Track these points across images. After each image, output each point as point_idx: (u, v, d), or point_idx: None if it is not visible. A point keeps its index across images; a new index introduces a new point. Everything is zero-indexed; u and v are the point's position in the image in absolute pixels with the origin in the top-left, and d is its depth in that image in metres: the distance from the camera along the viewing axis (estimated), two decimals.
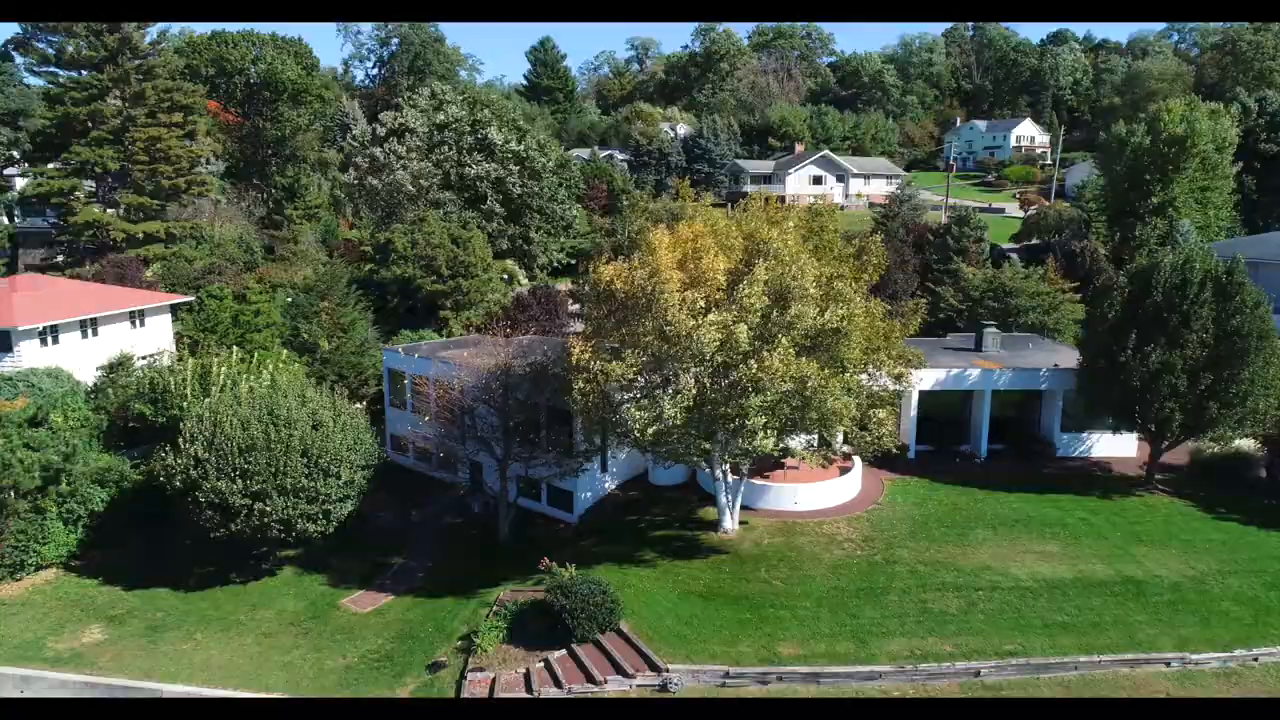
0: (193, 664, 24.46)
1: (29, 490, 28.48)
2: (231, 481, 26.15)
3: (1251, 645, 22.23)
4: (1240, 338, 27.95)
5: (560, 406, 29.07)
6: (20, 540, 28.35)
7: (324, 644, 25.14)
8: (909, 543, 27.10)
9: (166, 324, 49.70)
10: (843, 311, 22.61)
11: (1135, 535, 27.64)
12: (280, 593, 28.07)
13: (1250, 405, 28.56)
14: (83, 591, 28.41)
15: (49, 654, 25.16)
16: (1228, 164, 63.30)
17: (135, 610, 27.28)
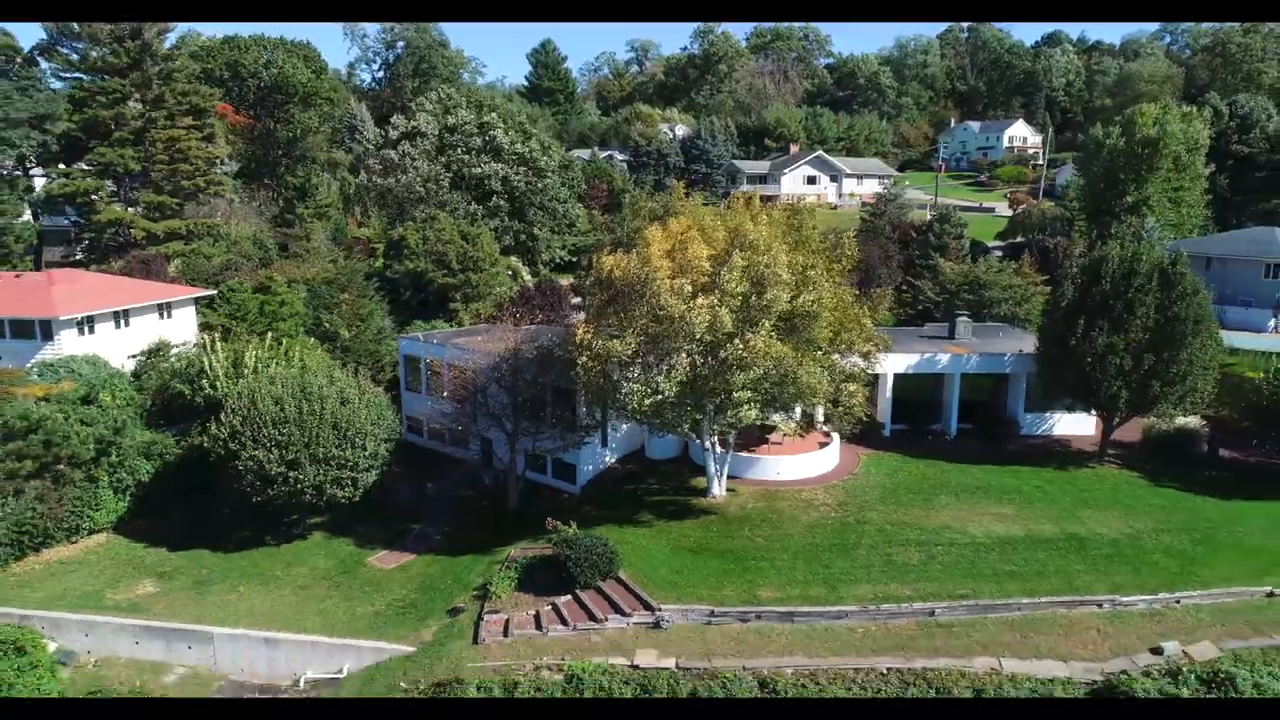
0: (238, 611, 27.47)
1: (84, 461, 31.50)
2: (268, 451, 29.14)
3: (1175, 590, 25.22)
4: (1180, 322, 30.93)
5: (564, 386, 32.10)
6: (76, 506, 31.36)
7: (354, 595, 28.14)
8: (879, 506, 30.11)
9: (191, 316, 52.72)
10: (813, 295, 25.64)
11: (1083, 500, 30.65)
12: (312, 553, 31.07)
13: (1189, 384, 31.54)
14: (132, 552, 31.41)
15: (108, 603, 28.17)
16: (1200, 164, 66.22)
17: (181, 568, 30.29)
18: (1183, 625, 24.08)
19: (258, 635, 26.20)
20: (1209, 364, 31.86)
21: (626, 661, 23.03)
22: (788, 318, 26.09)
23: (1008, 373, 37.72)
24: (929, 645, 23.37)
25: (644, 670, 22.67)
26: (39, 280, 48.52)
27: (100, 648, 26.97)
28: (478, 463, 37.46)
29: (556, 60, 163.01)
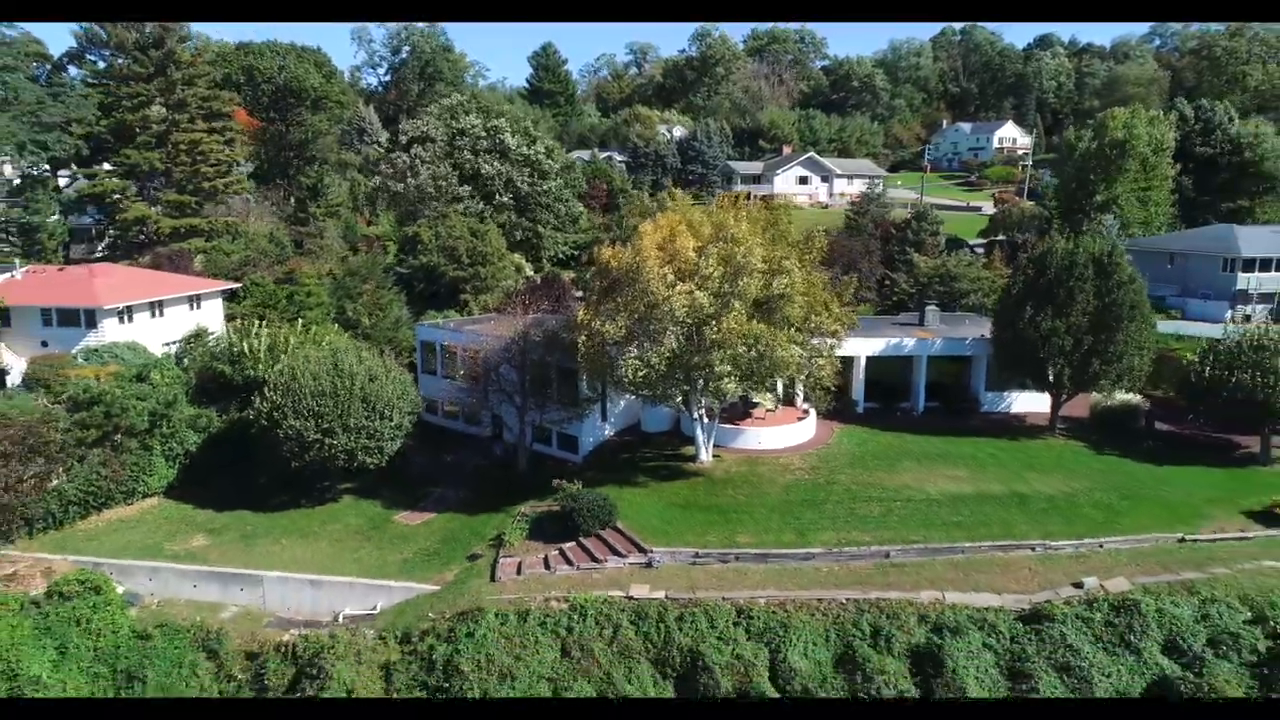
0: (282, 559, 31.29)
1: (139, 431, 35.31)
2: (306, 421, 32.95)
3: (1099, 536, 29.05)
4: (1116, 307, 34.78)
5: (567, 366, 35.96)
6: (133, 471, 35.16)
7: (384, 546, 31.97)
8: (847, 470, 33.95)
9: (219, 307, 56.52)
10: (786, 281, 29.48)
11: (1030, 465, 34.50)
12: (343, 513, 34.90)
13: (1126, 363, 35.39)
14: (183, 513, 35.24)
15: (167, 553, 31.98)
16: (1166, 165, 70.07)
17: (229, 525, 34.12)
18: (1103, 565, 27.89)
19: (302, 578, 30.02)
20: (1143, 344, 35.73)
21: (622, 594, 26.84)
22: (764, 301, 29.95)
23: (969, 355, 41.59)
24: (883, 581, 27.18)
25: (638, 600, 26.50)
26: (80, 273, 52.38)
27: (162, 590, 30.75)
28: (489, 438, 41.28)
29: (557, 63, 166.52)
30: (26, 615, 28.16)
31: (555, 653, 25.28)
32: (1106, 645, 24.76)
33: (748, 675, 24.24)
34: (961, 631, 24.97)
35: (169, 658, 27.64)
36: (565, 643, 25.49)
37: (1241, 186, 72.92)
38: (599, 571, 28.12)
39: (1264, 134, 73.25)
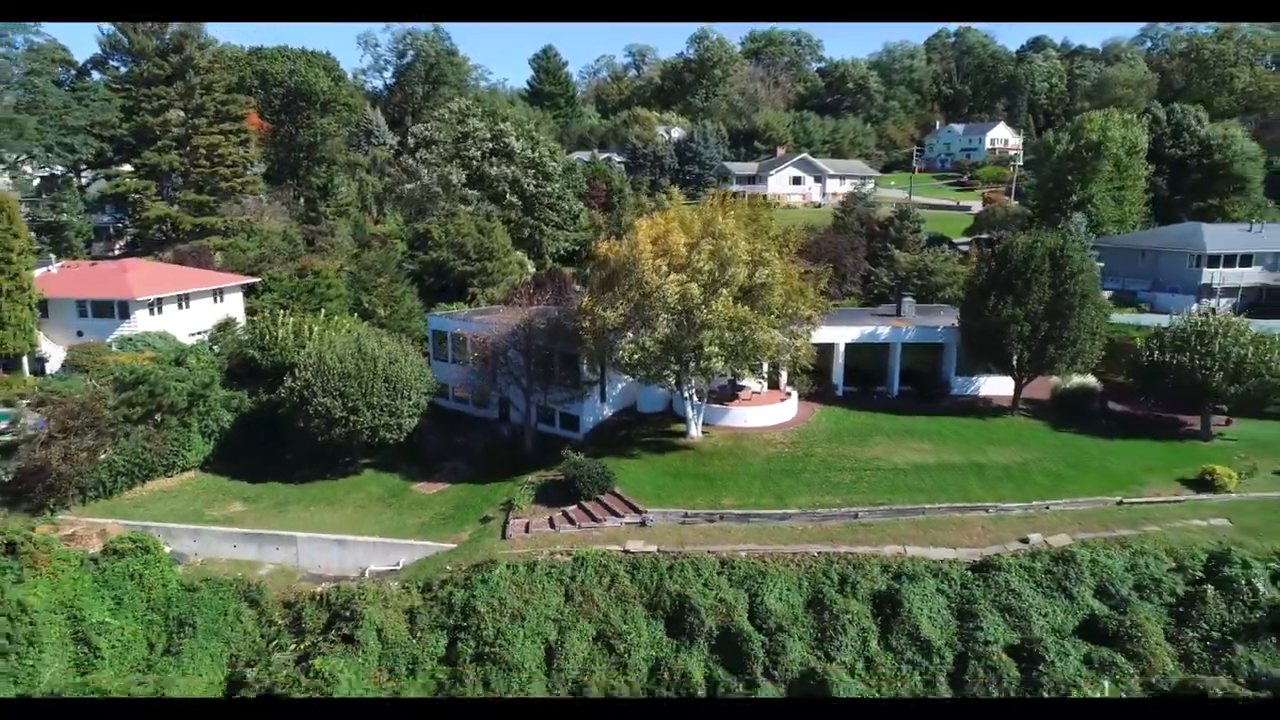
0: (313, 522, 34.69)
1: (179, 409, 38.69)
2: (334, 399, 36.35)
3: (1046, 499, 32.45)
4: (1069, 296, 38.15)
5: (569, 351, 39.31)
6: (173, 446, 38.54)
7: (404, 511, 35.37)
8: (824, 444, 37.36)
9: (239, 300, 59.90)
10: (767, 272, 32.90)
11: (989, 440, 37.91)
12: (365, 484, 38.30)
13: (1079, 347, 38.78)
14: (219, 484, 38.62)
15: (207, 518, 35.39)
16: (1139, 166, 73.44)
17: (262, 495, 37.51)
18: (1048, 524, 31.28)
19: (330, 538, 33.41)
20: (1095, 330, 39.12)
21: (619, 548, 30.24)
22: (747, 289, 33.36)
23: (941, 343, 44.98)
24: (851, 538, 30.58)
25: (633, 553, 29.89)
26: (112, 268, 55.80)
27: (205, 550, 34.14)
28: (497, 420, 44.64)
29: (557, 65, 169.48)
30: (86, 570, 31.56)
31: (560, 598, 28.67)
32: (1045, 590, 28.15)
33: (729, 615, 27.62)
34: (918, 579, 28.37)
35: (215, 606, 31.00)
36: (569, 589, 28.88)
37: (1212, 186, 76.26)
38: (598, 530, 31.53)
39: (1233, 137, 76.63)
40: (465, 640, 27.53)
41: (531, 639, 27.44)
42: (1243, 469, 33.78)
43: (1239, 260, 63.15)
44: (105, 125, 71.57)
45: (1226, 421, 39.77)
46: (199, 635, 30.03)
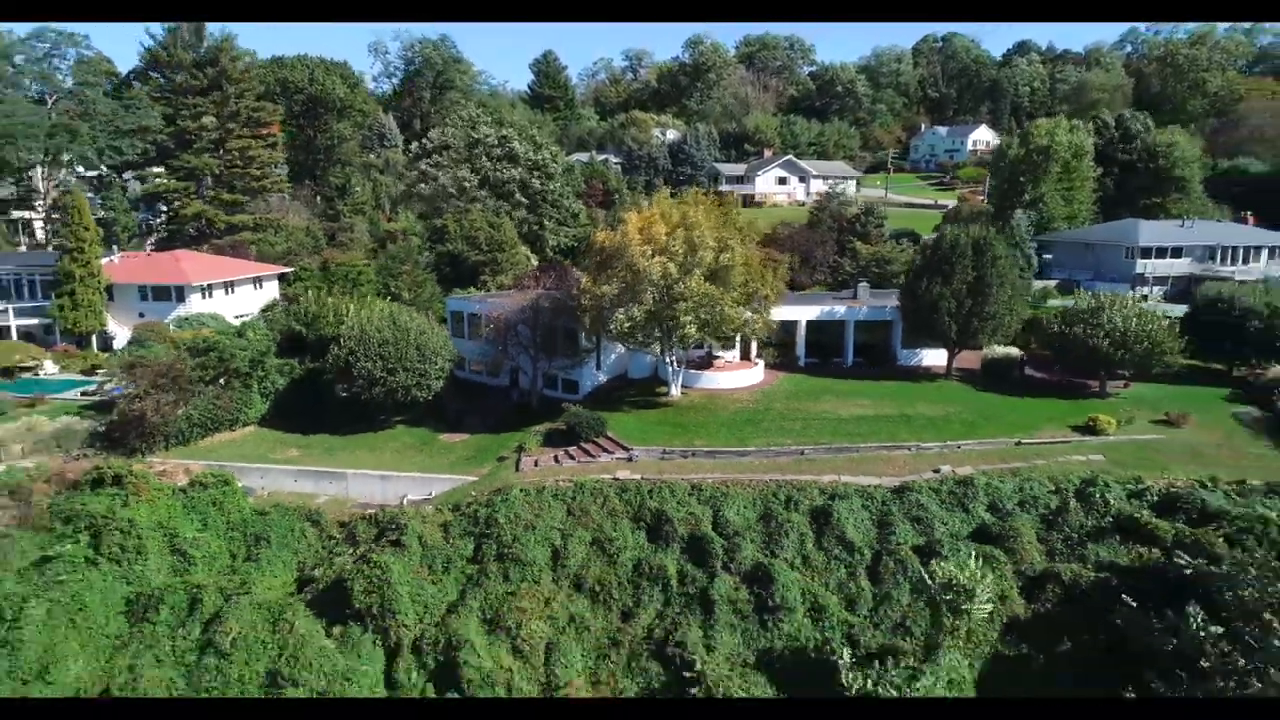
0: (358, 463, 42.04)
1: (242, 373, 46.04)
2: (374, 363, 43.69)
3: (958, 440, 39.83)
4: (989, 278, 45.52)
5: (569, 326, 46.67)
6: (237, 404, 45.88)
7: (433, 455, 42.75)
8: (782, 401, 44.75)
9: (275, 287, 67.39)
10: (728, 255, 40.31)
11: (921, 398, 45.29)
12: (399, 436, 45.67)
13: (998, 321, 46.17)
14: (276, 436, 45.97)
15: (270, 459, 42.73)
16: (1086, 168, 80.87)
17: (313, 444, 44.86)
18: (957, 459, 38.65)
19: (375, 474, 40.78)
20: (1012, 307, 46.52)
21: (610, 477, 37.59)
22: (714, 270, 40.77)
23: (889, 320, 52.40)
24: (797, 469, 37.94)
25: (621, 480, 37.26)
26: (167, 257, 63.29)
27: (271, 485, 41.46)
28: (507, 387, 51.96)
29: (557, 70, 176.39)
30: (177, 498, 38.90)
31: (563, 513, 36.03)
32: (947, 506, 35.50)
33: (697, 525, 34.97)
34: (848, 498, 35.72)
35: (283, 526, 38.32)
36: (570, 507, 36.22)
37: (1155, 187, 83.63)
38: (594, 463, 38.93)
39: (1176, 143, 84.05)
40: (488, 544, 34.87)
41: (540, 543, 34.77)
42: (1122, 418, 41.19)
43: (1170, 252, 70.47)
44: (149, 131, 78.90)
45: (1125, 384, 47.18)
46: (272, 547, 37.38)
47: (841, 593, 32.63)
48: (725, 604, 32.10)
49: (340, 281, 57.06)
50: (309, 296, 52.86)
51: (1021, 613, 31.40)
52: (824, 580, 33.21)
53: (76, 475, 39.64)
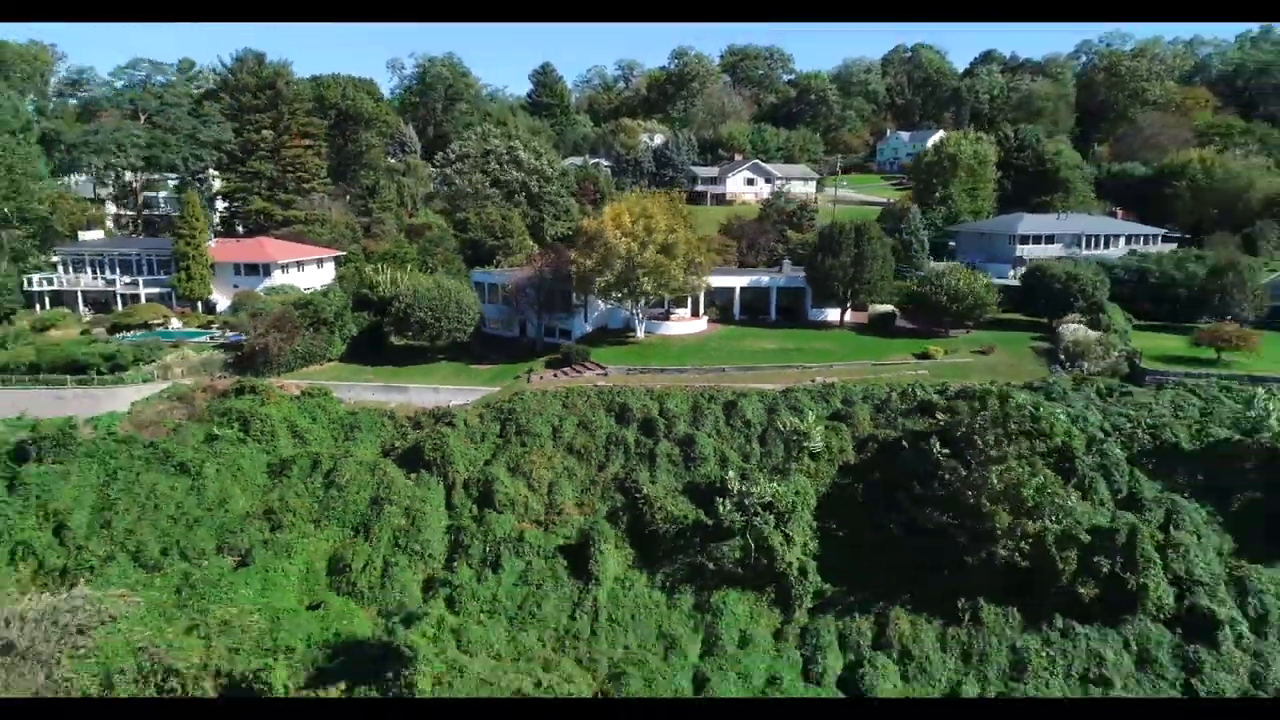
0: (416, 382, 59.86)
1: (327, 320, 63.85)
2: (425, 313, 61.52)
3: (830, 362, 57.73)
4: (866, 255, 63.44)
5: (565, 289, 64.55)
6: (325, 343, 63.65)
7: (469, 378, 60.72)
8: (717, 341, 62.77)
9: (331, 267, 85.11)
10: (675, 236, 58.27)
11: (816, 339, 63.33)
12: (442, 367, 63.54)
13: (875, 287, 64.11)
14: (351, 368, 63.80)
15: (353, 380, 60.54)
16: (989, 172, 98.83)
17: (380, 372, 62.71)
18: (830, 374, 56.54)
19: (428, 387, 58.63)
20: (884, 275, 64.45)
21: (592, 385, 55.45)
22: (665, 246, 58.70)
23: (802, 287, 70.34)
24: (719, 380, 55.82)
25: (599, 387, 55.12)
26: (253, 242, 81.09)
27: (355, 397, 59.13)
28: (518, 337, 69.81)
29: (554, 80, 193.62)
30: (293, 403, 56.69)
31: (559, 406, 53.83)
32: (815, 400, 53.34)
33: (649, 413, 52.75)
34: (749, 396, 53.59)
35: (368, 419, 56.05)
36: (564, 402, 54.03)
37: (1044, 187, 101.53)
38: (580, 378, 56.86)
39: (1061, 151, 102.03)
40: (510, 425, 52.71)
41: (544, 424, 52.58)
42: (949, 349, 59.17)
43: (1045, 240, 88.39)
44: (222, 142, 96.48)
45: (967, 330, 65.12)
46: (362, 431, 55.16)
47: (739, 451, 50.53)
48: (664, 458, 49.98)
49: (387, 260, 74.72)
50: (370, 270, 70.58)
51: (852, 459, 49.33)
52: (729, 444, 51.11)
53: (223, 388, 57.59)
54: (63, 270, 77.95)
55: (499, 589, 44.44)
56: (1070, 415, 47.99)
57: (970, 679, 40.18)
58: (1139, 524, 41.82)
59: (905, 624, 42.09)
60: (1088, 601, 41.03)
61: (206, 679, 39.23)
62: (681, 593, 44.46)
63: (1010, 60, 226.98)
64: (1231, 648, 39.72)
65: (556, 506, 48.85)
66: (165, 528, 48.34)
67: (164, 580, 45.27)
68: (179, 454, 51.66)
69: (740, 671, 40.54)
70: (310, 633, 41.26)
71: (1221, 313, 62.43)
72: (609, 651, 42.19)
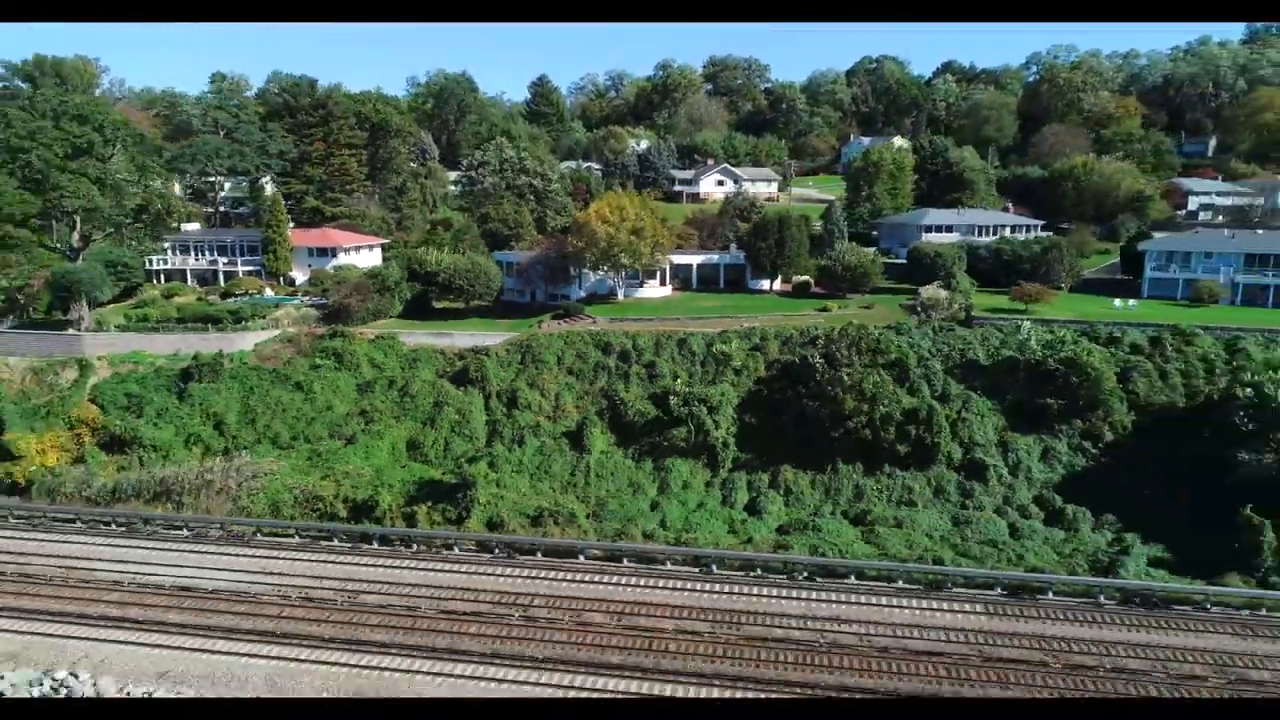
0: (457, 331, 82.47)
1: (390, 288, 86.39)
2: (464, 281, 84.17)
3: (755, 314, 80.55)
4: (785, 239, 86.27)
5: (563, 266, 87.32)
6: (387, 304, 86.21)
7: (495, 327, 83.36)
8: (677, 302, 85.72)
9: (378, 252, 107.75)
10: (642, 223, 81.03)
11: (750, 301, 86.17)
12: (475, 322, 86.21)
13: (794, 263, 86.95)
14: (407, 323, 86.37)
15: (411, 330, 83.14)
16: (907, 175, 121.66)
17: (428, 326, 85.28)
18: (754, 322, 79.26)
19: (467, 334, 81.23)
20: (800, 255, 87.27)
21: (585, 330, 78.20)
22: (636, 230, 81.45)
23: (743, 263, 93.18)
24: (675, 326, 78.55)
25: (590, 331, 77.88)
26: (319, 231, 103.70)
27: (412, 341, 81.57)
28: (530, 301, 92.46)
29: (550, 90, 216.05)
30: (370, 345, 79.27)
31: (562, 343, 76.46)
32: (740, 338, 76.05)
33: (625, 347, 75.41)
34: (695, 335, 76.28)
35: (425, 355, 78.58)
36: (565, 340, 76.68)
37: (953, 187, 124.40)
38: (576, 325, 79.70)
39: (966, 158, 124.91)
40: (527, 355, 75.38)
41: (552, 354, 75.20)
42: (842, 306, 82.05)
43: (945, 229, 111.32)
44: (284, 152, 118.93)
45: (861, 294, 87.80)
46: (421, 363, 77.72)
47: (686, 370, 73.23)
48: (634, 376, 72.67)
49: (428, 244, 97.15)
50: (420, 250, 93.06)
51: (763, 374, 72.04)
52: (680, 366, 73.81)
53: (319, 333, 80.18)
54: (171, 254, 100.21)
55: (523, 457, 67.16)
56: (909, 343, 70.93)
57: (827, 504, 62.88)
58: (937, 407, 64.65)
59: (789, 474, 64.79)
60: (904, 455, 63.81)
61: (339, 503, 61.78)
62: (645, 460, 67.16)
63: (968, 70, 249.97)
64: (995, 484, 62.42)
65: (561, 407, 71.49)
66: (291, 423, 71.09)
67: (296, 454, 67.97)
68: (294, 376, 74.46)
69: (681, 500, 63.22)
70: (402, 478, 63.93)
71: (1047, 280, 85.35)
72: (596, 493, 64.86)
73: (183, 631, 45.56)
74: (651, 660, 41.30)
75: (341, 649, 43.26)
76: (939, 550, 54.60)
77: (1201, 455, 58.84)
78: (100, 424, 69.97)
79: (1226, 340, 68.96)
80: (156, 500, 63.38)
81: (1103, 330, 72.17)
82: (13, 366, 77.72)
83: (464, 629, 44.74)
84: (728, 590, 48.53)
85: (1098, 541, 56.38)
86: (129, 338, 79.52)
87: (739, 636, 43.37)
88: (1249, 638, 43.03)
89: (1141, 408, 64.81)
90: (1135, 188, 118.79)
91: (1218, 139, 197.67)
